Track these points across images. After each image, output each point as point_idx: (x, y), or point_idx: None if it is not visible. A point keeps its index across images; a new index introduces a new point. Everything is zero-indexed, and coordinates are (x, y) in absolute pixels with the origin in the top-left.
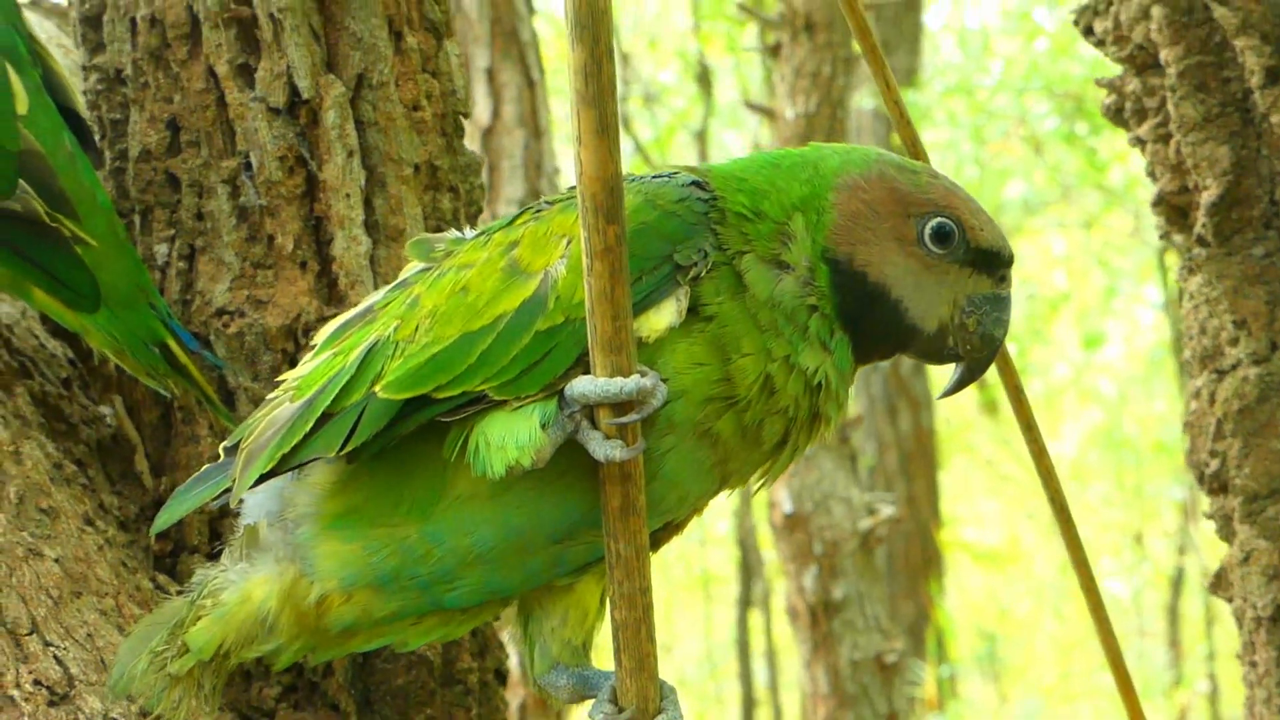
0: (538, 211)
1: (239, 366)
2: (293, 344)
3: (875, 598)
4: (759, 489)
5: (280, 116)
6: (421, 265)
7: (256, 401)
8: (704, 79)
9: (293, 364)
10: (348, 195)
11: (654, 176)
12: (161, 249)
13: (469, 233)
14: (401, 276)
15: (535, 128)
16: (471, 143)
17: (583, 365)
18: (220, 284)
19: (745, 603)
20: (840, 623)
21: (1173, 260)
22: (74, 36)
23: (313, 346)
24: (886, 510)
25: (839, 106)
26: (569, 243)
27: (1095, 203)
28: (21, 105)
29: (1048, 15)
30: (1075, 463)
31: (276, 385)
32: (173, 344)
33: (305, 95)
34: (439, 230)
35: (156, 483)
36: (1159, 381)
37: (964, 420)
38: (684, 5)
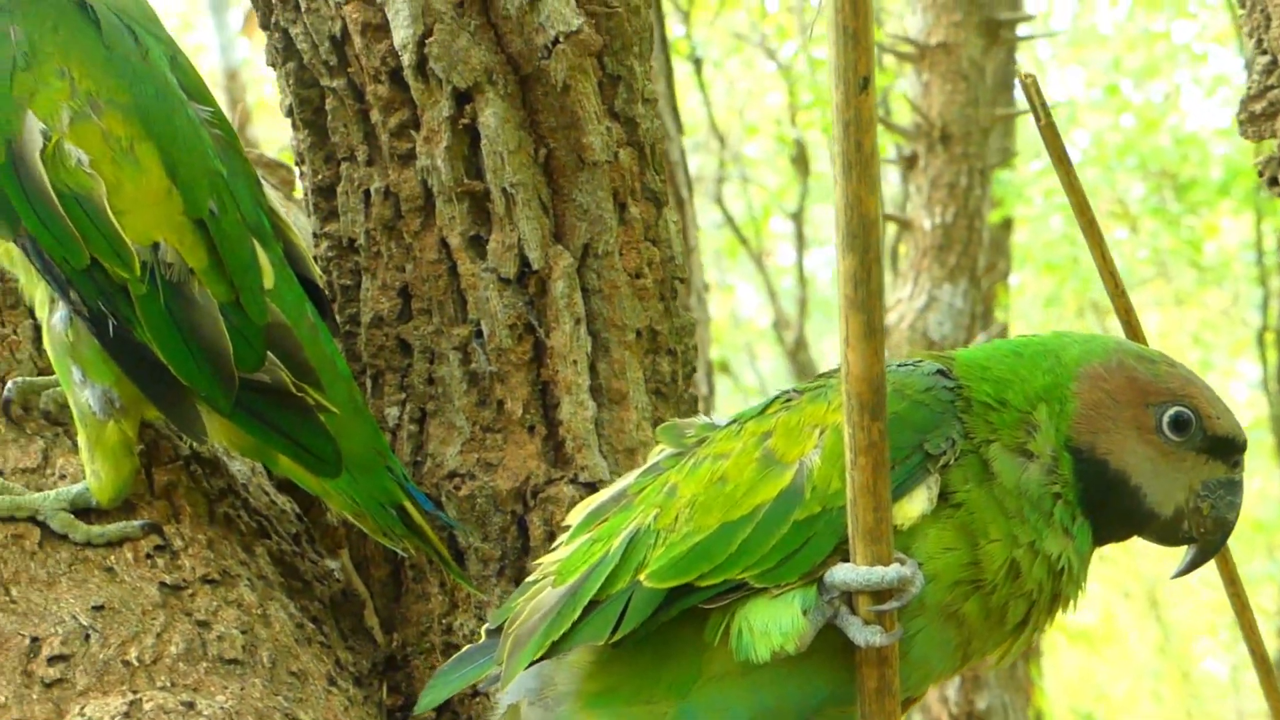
0: (787, 401)
1: (470, 527)
2: (521, 506)
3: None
4: (995, 665)
5: (510, 286)
6: (671, 450)
7: (486, 561)
8: (800, 159)
9: (521, 525)
10: (574, 361)
11: (899, 365)
12: (392, 412)
13: (716, 418)
14: (651, 460)
15: (685, 244)
16: None
17: (840, 553)
18: (451, 447)
19: None
20: None
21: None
22: (305, 204)
23: (566, 528)
24: None
25: (975, 217)
26: (821, 433)
27: (1190, 280)
28: (268, 280)
29: (1134, 89)
30: None
31: (534, 565)
32: (409, 506)
33: (535, 266)
34: (659, 393)
35: (388, 639)
36: (1257, 459)
37: None
38: (779, 84)
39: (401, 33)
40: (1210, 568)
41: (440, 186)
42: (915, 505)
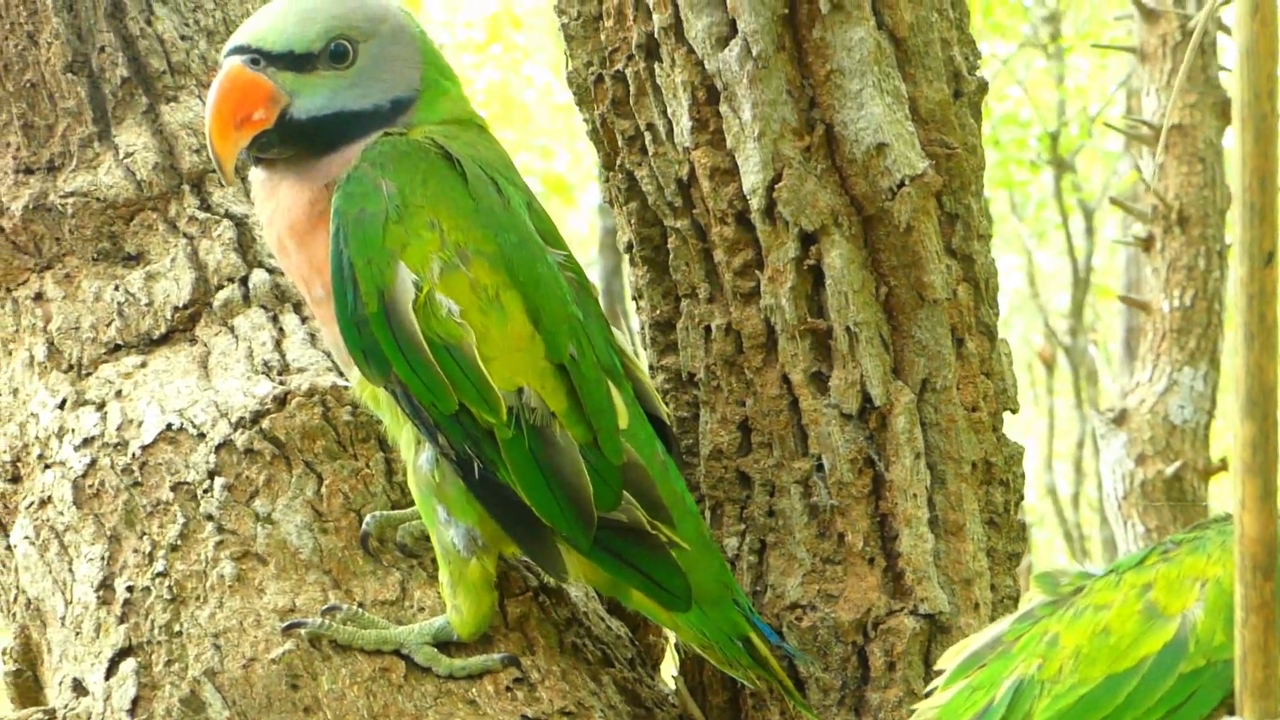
0: (1165, 553)
1: (811, 657)
2: (862, 637)
3: None
4: None
5: (852, 421)
6: (1044, 598)
7: (826, 691)
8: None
9: (862, 656)
10: (914, 495)
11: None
12: (732, 542)
13: (1091, 566)
14: (1024, 607)
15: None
16: None
17: (1225, 706)
18: (792, 578)
19: None
20: None
21: None
22: (642, 337)
23: (939, 672)
24: None
25: (1215, 300)
26: (1203, 586)
27: None
28: (623, 420)
29: None
30: None
31: (910, 711)
32: (754, 637)
33: (877, 401)
34: (992, 524)
35: None
36: None
37: None
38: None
39: (751, 178)
40: None
41: (783, 324)
42: None
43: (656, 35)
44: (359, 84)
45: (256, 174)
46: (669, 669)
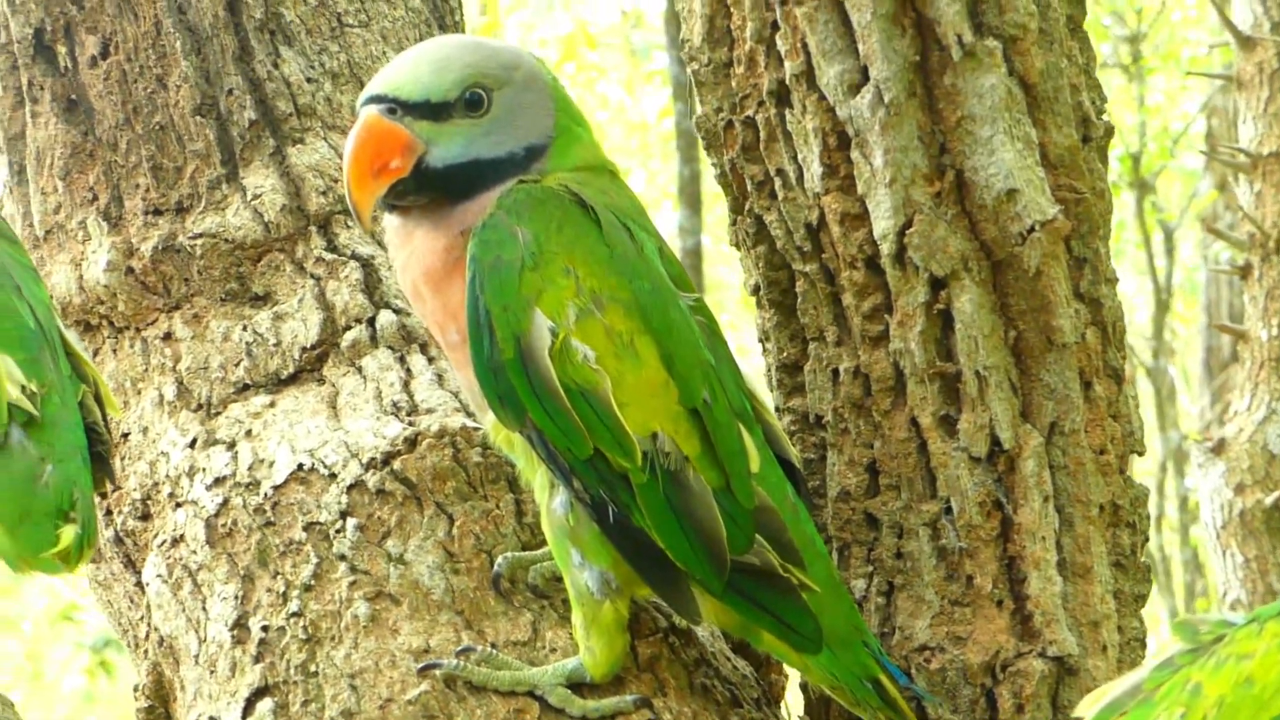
0: None
1: (940, 699)
2: (991, 679)
3: None
4: None
5: (980, 464)
6: (1183, 646)
7: None
8: None
9: (990, 698)
10: (1043, 537)
11: None
12: (859, 584)
13: (1229, 615)
14: (1163, 655)
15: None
16: None
17: None
18: (920, 620)
19: None
20: None
21: None
22: (768, 378)
23: (1075, 718)
24: None
25: None
26: None
27: None
28: (754, 464)
29: None
30: None
31: None
32: (884, 679)
33: (1006, 445)
34: (1118, 565)
35: None
36: None
37: None
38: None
39: (882, 223)
40: None
41: (912, 368)
42: None
43: (788, 82)
44: (494, 132)
45: (390, 220)
46: (795, 706)
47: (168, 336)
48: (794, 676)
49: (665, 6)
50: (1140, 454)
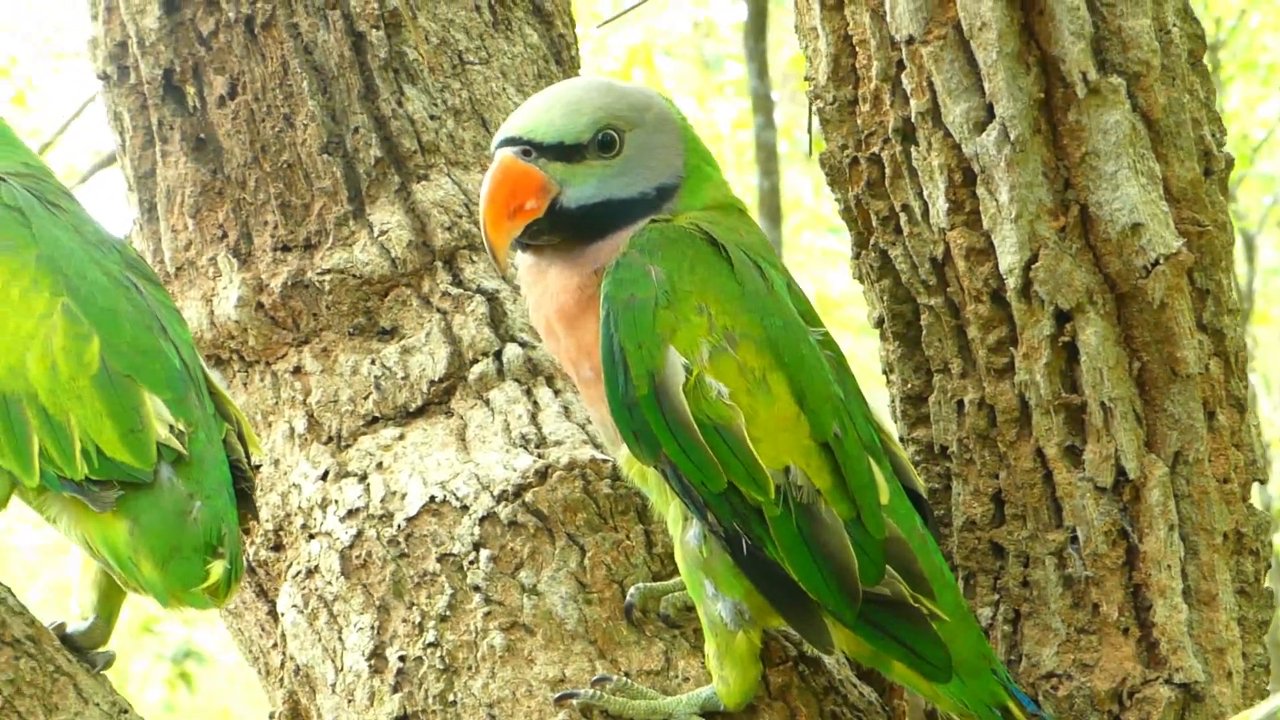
0: None
1: None
2: (1118, 706)
3: None
4: None
5: (1106, 494)
6: None
7: None
8: None
9: None
10: (1168, 566)
11: None
12: (985, 612)
13: None
14: None
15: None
16: None
17: None
18: (1047, 648)
19: None
20: None
21: None
22: (892, 409)
23: None
24: None
25: None
26: None
27: None
28: (884, 495)
29: None
30: None
31: None
32: (1013, 706)
33: (1131, 475)
34: (1242, 593)
35: None
36: None
37: None
38: None
39: (1008, 257)
40: None
41: (1038, 399)
42: None
43: (913, 119)
44: (626, 172)
45: (524, 259)
46: None
47: (297, 370)
48: (930, 708)
49: (746, 19)
50: (1264, 481)
